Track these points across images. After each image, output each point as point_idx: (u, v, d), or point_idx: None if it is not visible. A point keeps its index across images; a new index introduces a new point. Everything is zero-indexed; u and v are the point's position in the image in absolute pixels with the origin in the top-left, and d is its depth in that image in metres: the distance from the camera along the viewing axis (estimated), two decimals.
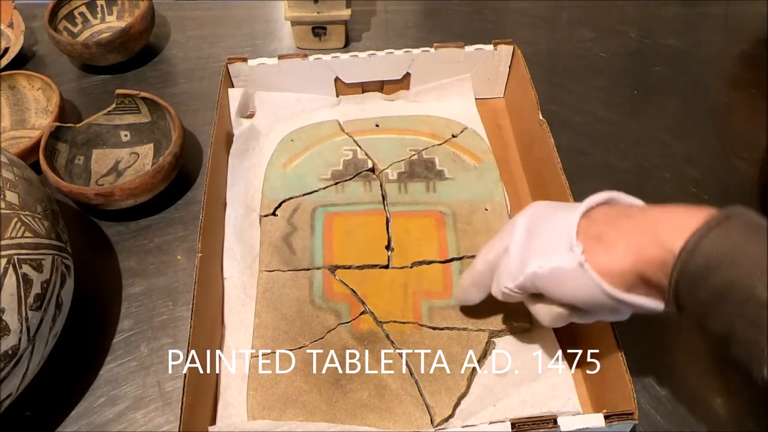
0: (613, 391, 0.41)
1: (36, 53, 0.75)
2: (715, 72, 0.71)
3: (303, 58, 0.61)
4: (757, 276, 0.29)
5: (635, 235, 0.34)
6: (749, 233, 0.31)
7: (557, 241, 0.37)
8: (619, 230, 0.35)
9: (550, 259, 0.37)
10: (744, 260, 0.30)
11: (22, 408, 0.46)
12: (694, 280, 0.31)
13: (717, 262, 0.30)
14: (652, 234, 0.33)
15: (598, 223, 0.37)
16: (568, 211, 0.38)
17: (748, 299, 0.29)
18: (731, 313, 0.30)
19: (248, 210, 0.56)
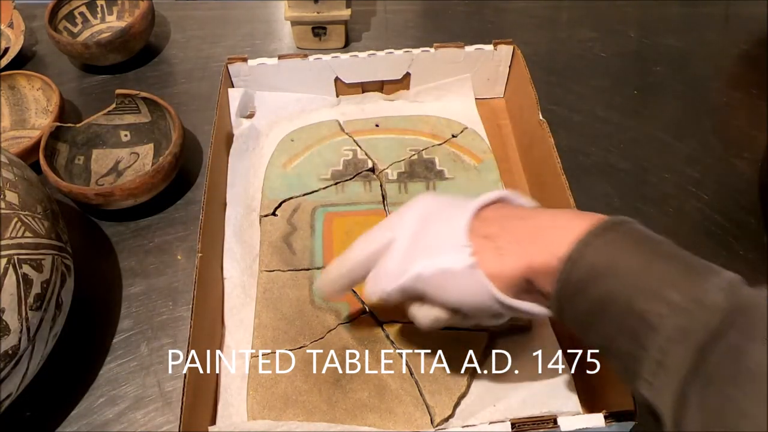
0: (613, 391, 0.41)
1: (36, 53, 0.75)
2: (715, 72, 0.71)
3: (303, 58, 0.61)
4: (637, 289, 0.28)
5: (526, 240, 0.33)
6: (632, 244, 0.30)
7: (446, 240, 0.36)
8: (511, 234, 0.34)
9: (438, 259, 0.35)
10: (625, 272, 0.29)
11: (22, 408, 0.46)
12: (575, 290, 0.31)
13: (597, 273, 0.30)
14: (542, 240, 0.33)
15: (489, 223, 0.35)
16: (459, 208, 0.37)
17: (627, 312, 0.29)
18: (610, 326, 0.30)
19: (248, 210, 0.56)
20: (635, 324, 0.28)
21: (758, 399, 0.24)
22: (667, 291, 0.28)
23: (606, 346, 0.31)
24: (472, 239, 0.35)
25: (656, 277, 0.28)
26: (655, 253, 0.30)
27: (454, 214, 0.37)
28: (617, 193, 0.59)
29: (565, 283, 0.31)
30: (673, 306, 0.27)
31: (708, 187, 0.59)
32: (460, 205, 0.37)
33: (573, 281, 0.31)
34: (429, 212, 0.38)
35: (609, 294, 0.29)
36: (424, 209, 0.39)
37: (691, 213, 0.58)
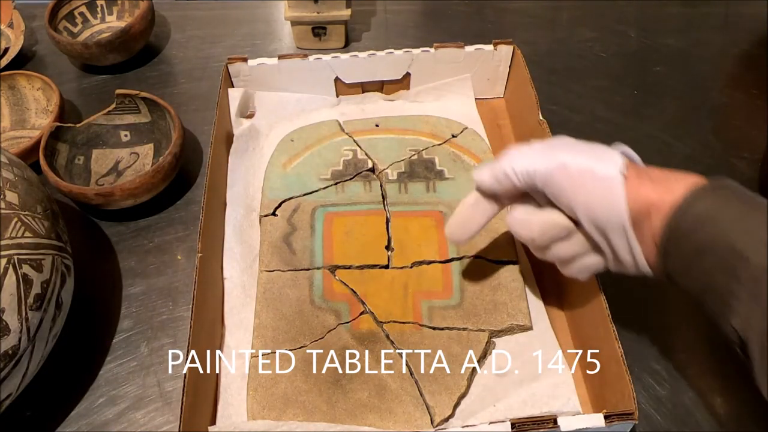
0: (613, 391, 0.41)
1: (36, 53, 0.75)
2: (715, 72, 0.71)
3: (303, 58, 0.61)
4: (737, 233, 0.32)
5: (658, 180, 0.36)
6: (735, 199, 0.34)
7: (596, 152, 0.38)
8: (650, 174, 0.37)
9: (589, 159, 0.37)
10: (728, 220, 0.33)
11: (22, 408, 0.46)
12: (683, 234, 0.34)
13: (703, 220, 0.33)
14: (670, 186, 0.35)
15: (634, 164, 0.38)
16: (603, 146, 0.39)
17: (726, 251, 0.32)
18: (710, 265, 0.33)
19: (248, 210, 0.56)
20: (733, 260, 0.32)
21: None
22: (759, 231, 0.31)
23: (705, 284, 0.34)
24: (626, 162, 0.37)
25: (755, 223, 0.32)
26: (756, 207, 0.33)
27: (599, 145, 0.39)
28: None
29: (674, 228, 0.34)
30: (763, 243, 0.31)
31: None
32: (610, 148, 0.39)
33: (680, 227, 0.34)
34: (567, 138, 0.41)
35: (712, 238, 0.33)
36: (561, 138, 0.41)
37: None
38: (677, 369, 0.48)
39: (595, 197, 0.36)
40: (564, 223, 0.39)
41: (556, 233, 0.40)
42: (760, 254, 0.31)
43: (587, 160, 0.37)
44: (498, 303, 0.48)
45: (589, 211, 0.37)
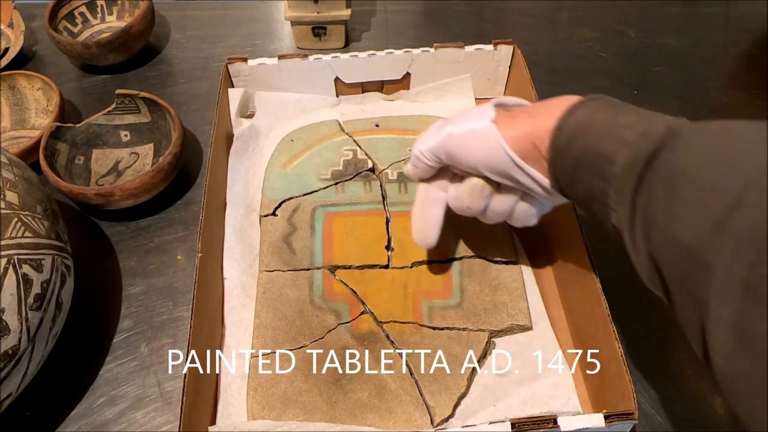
0: (613, 391, 0.41)
1: (36, 53, 0.75)
2: (715, 72, 0.71)
3: (303, 58, 0.61)
4: (604, 137, 0.34)
5: (533, 113, 0.39)
6: (603, 107, 0.36)
7: (474, 113, 0.42)
8: (524, 110, 0.41)
9: (466, 123, 0.41)
10: (596, 127, 0.35)
11: (22, 408, 0.46)
12: (563, 150, 0.36)
13: (576, 133, 0.36)
14: (544, 113, 0.38)
15: (510, 108, 0.42)
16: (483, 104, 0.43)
17: (597, 157, 0.34)
18: (588, 173, 0.35)
19: (248, 210, 0.56)
20: (603, 164, 0.34)
21: (680, 194, 0.29)
22: (623, 132, 0.33)
23: (587, 193, 0.36)
24: (496, 111, 0.41)
25: (617, 125, 0.34)
26: (620, 110, 0.35)
27: (480, 106, 0.43)
28: None
29: (555, 146, 0.37)
30: (626, 142, 0.33)
31: None
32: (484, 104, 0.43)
33: (561, 143, 0.36)
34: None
35: (585, 147, 0.35)
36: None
37: None
38: (677, 369, 0.48)
39: (482, 150, 0.40)
40: (480, 182, 0.42)
41: (481, 193, 0.43)
42: (622, 154, 0.33)
43: (465, 123, 0.41)
44: (498, 303, 0.48)
45: (483, 164, 0.40)
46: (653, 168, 0.31)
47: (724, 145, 0.29)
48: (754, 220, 0.25)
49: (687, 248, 0.28)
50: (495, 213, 0.44)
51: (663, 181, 0.30)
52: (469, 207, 0.44)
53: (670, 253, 0.30)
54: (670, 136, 0.31)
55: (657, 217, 0.30)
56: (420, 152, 0.43)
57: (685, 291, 0.29)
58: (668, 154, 0.31)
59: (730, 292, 0.25)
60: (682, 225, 0.29)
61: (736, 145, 0.29)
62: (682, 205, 0.29)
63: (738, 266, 0.25)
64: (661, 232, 0.30)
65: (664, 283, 0.31)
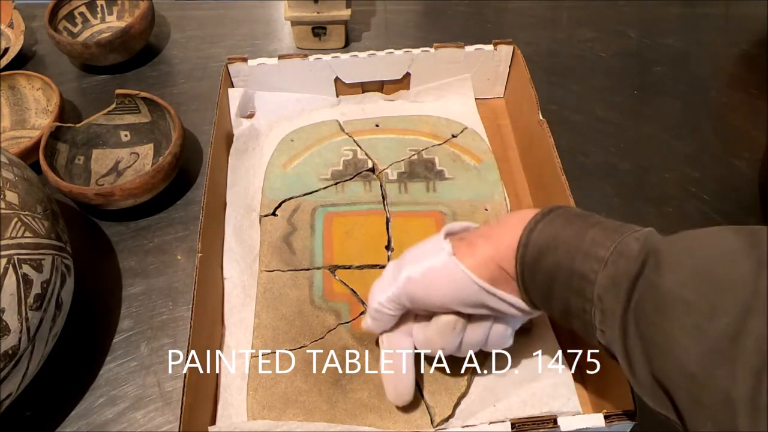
0: (613, 391, 0.41)
1: (36, 53, 0.75)
2: (715, 72, 0.71)
3: (303, 58, 0.61)
4: (575, 254, 0.34)
5: (492, 234, 0.38)
6: (567, 221, 0.36)
7: (427, 248, 0.40)
8: (480, 233, 0.39)
9: (422, 262, 0.39)
10: (563, 243, 0.35)
11: (22, 408, 0.46)
12: (531, 267, 0.36)
13: (543, 250, 0.35)
14: (503, 232, 0.38)
15: (462, 234, 0.41)
16: (433, 236, 0.42)
17: (571, 274, 0.34)
18: (563, 290, 0.35)
19: (248, 210, 0.56)
20: (579, 283, 0.34)
21: (674, 318, 0.29)
22: (596, 250, 0.33)
23: (565, 309, 0.35)
24: (450, 242, 0.39)
25: (588, 241, 0.34)
26: (586, 224, 0.35)
27: (430, 237, 0.42)
28: (617, 193, 0.59)
29: (522, 263, 0.36)
30: (602, 260, 0.33)
31: (708, 187, 0.59)
32: (433, 235, 0.42)
33: (528, 261, 0.36)
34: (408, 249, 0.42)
35: (556, 264, 0.35)
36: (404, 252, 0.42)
37: (691, 213, 0.58)
38: None
39: (448, 287, 0.38)
40: (451, 319, 0.40)
41: (453, 330, 0.40)
42: (600, 273, 0.33)
43: (422, 262, 0.39)
44: None
45: (453, 300, 0.38)
46: (638, 289, 0.31)
47: (703, 260, 0.29)
48: (762, 348, 0.25)
49: (694, 377, 0.27)
50: (470, 345, 0.41)
51: (653, 304, 0.30)
52: (443, 347, 0.41)
53: (679, 380, 0.28)
54: (649, 255, 0.31)
55: (655, 342, 0.30)
56: (379, 304, 0.40)
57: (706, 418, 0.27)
58: (652, 275, 0.30)
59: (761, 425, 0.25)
60: (685, 352, 0.28)
61: (715, 259, 0.29)
62: (680, 332, 0.28)
63: (763, 399, 0.25)
64: (663, 358, 0.29)
65: (675, 407, 0.30)
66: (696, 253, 0.30)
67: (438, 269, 0.38)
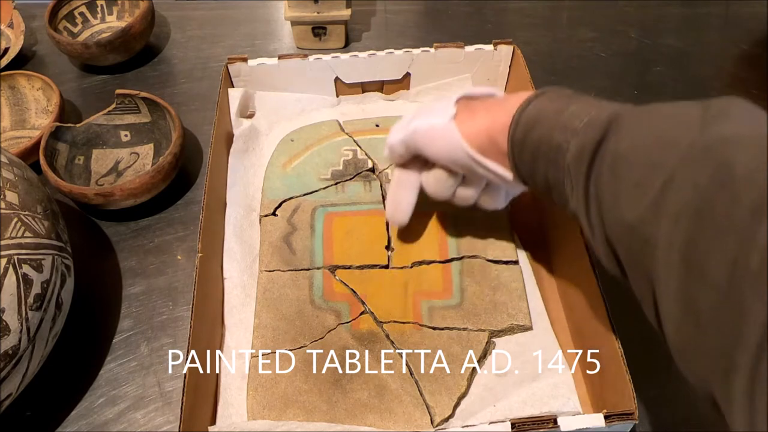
0: (613, 391, 0.41)
1: (36, 53, 0.75)
2: (715, 72, 0.71)
3: (303, 58, 0.61)
4: (556, 127, 0.35)
5: (493, 108, 0.41)
6: (556, 98, 0.37)
7: (438, 108, 0.44)
8: (484, 105, 0.42)
9: (429, 119, 0.44)
10: (546, 118, 0.36)
11: (22, 408, 0.46)
12: (520, 143, 0.38)
13: (531, 125, 0.37)
14: (502, 108, 0.40)
15: (472, 102, 0.44)
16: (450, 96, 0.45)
17: (551, 147, 0.36)
18: (544, 163, 0.37)
19: (248, 210, 0.56)
20: (555, 154, 0.35)
21: (622, 177, 0.30)
22: (572, 122, 0.35)
23: (545, 182, 0.37)
24: (458, 107, 0.43)
25: (567, 115, 0.35)
26: (571, 100, 0.37)
27: (446, 98, 0.45)
28: None
29: (512, 140, 0.38)
30: (574, 131, 0.34)
31: None
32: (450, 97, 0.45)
33: (517, 137, 0.38)
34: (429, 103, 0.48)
35: (539, 137, 0.36)
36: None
37: None
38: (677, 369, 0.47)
39: (443, 146, 0.43)
40: (444, 174, 0.45)
41: (446, 183, 0.45)
42: (572, 143, 0.34)
43: (428, 119, 0.44)
44: (498, 303, 0.48)
45: (446, 158, 0.43)
46: (600, 154, 0.33)
47: (659, 125, 0.31)
48: (686, 194, 0.27)
49: (631, 227, 0.30)
50: (462, 200, 0.47)
51: (608, 166, 0.32)
52: (438, 193, 0.46)
53: (620, 233, 0.31)
54: (613, 123, 0.32)
55: (606, 200, 0.32)
56: (392, 143, 0.46)
57: (636, 267, 0.31)
58: (612, 139, 0.32)
59: (673, 267, 0.27)
60: (626, 205, 0.30)
61: (670, 124, 0.30)
62: (624, 187, 0.30)
63: (677, 241, 0.27)
64: (610, 213, 0.31)
65: (619, 263, 0.33)
66: (655, 119, 0.31)
67: (439, 129, 0.43)
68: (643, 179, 0.29)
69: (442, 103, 0.45)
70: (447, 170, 0.45)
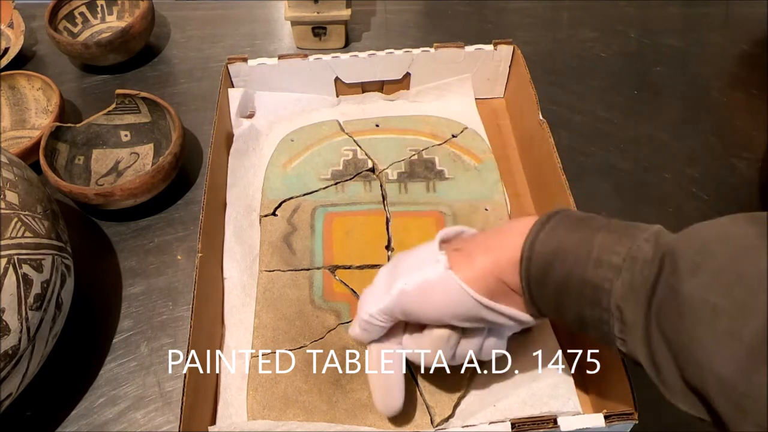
0: (613, 391, 0.41)
1: (36, 53, 0.75)
2: (715, 72, 0.71)
3: (303, 58, 0.61)
4: (585, 262, 0.32)
5: (491, 245, 0.37)
6: (570, 227, 0.34)
7: (422, 258, 0.38)
8: (477, 243, 0.38)
9: (417, 274, 0.38)
10: (571, 252, 0.33)
11: (22, 408, 0.46)
12: (539, 281, 0.34)
13: (551, 260, 0.33)
14: (503, 242, 0.36)
15: (457, 243, 0.39)
16: (427, 243, 0.40)
17: (583, 284, 0.32)
18: (576, 301, 0.33)
19: (248, 210, 0.56)
20: (593, 293, 0.32)
21: (702, 323, 0.27)
22: (607, 257, 0.32)
23: (580, 319, 0.34)
24: (446, 253, 0.38)
25: (597, 247, 0.32)
26: (590, 228, 0.33)
27: (424, 245, 0.40)
28: (617, 193, 0.59)
29: (528, 277, 0.35)
30: (616, 268, 0.31)
31: (708, 187, 0.59)
32: (427, 242, 0.40)
33: (534, 275, 0.34)
34: (400, 255, 0.41)
35: (565, 274, 0.33)
36: (396, 257, 0.42)
37: (691, 213, 0.58)
38: None
39: (444, 302, 0.37)
40: (445, 333, 0.38)
41: (448, 344, 0.39)
42: (615, 282, 0.31)
43: (417, 274, 0.38)
44: None
45: (449, 314, 0.37)
46: (658, 295, 0.29)
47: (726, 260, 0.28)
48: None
49: (732, 383, 0.26)
50: (463, 356, 0.40)
51: (676, 310, 0.28)
52: (436, 360, 0.39)
53: (715, 386, 0.27)
54: (665, 257, 0.30)
55: (684, 349, 0.28)
56: (370, 315, 0.39)
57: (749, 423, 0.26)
58: (671, 279, 0.29)
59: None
60: (719, 359, 0.27)
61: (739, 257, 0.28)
62: (711, 337, 0.27)
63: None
64: (695, 365, 0.28)
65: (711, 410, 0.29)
66: (713, 251, 0.28)
67: (434, 283, 0.37)
68: (734, 329, 0.26)
69: (424, 253, 0.39)
70: (446, 329, 0.38)
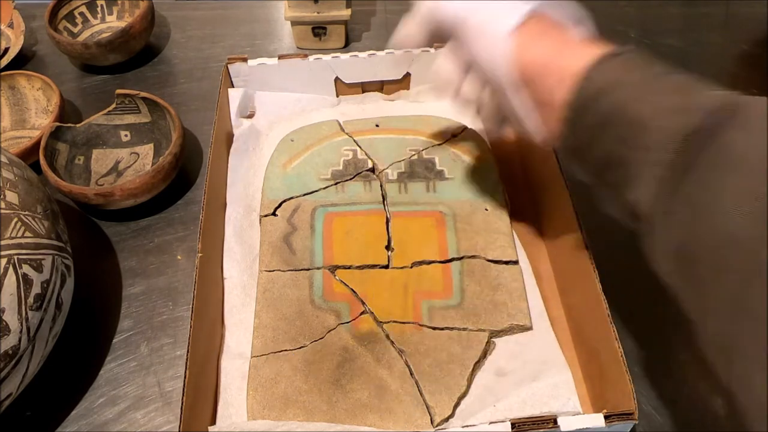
0: (613, 391, 0.41)
1: (36, 53, 0.75)
2: (715, 72, 0.71)
3: (303, 58, 0.61)
4: (637, 100, 0.31)
5: (566, 47, 0.35)
6: (637, 66, 0.33)
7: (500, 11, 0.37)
8: (559, 37, 0.36)
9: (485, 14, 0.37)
10: (629, 84, 0.32)
11: (22, 408, 0.46)
12: (585, 104, 0.33)
13: (605, 90, 0.32)
14: (576, 52, 0.35)
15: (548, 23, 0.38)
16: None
17: (626, 121, 0.31)
18: (612, 135, 0.32)
19: (248, 210, 0.56)
20: (632, 129, 0.31)
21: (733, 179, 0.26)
22: (668, 98, 0.30)
23: (605, 158, 0.33)
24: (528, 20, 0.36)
25: (655, 90, 0.31)
26: (658, 73, 0.32)
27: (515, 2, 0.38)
28: None
29: (578, 96, 0.33)
30: (671, 109, 0.29)
31: None
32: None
33: (584, 96, 0.33)
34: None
35: (613, 106, 0.31)
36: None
37: None
38: (677, 369, 0.48)
39: (483, 54, 0.36)
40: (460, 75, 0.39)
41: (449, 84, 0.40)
42: (664, 121, 0.29)
43: (486, 14, 0.37)
44: (498, 303, 0.48)
45: (479, 65, 0.37)
46: (708, 149, 0.27)
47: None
48: None
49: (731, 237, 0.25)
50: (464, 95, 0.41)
51: (721, 164, 0.26)
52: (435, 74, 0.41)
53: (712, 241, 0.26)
54: (732, 112, 0.27)
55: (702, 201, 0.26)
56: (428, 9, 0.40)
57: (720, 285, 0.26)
58: (732, 134, 0.26)
59: None
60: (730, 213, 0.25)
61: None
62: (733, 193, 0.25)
63: None
64: (704, 218, 0.26)
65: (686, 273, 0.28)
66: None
67: (488, 33, 0.36)
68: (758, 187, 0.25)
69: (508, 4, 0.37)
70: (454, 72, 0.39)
